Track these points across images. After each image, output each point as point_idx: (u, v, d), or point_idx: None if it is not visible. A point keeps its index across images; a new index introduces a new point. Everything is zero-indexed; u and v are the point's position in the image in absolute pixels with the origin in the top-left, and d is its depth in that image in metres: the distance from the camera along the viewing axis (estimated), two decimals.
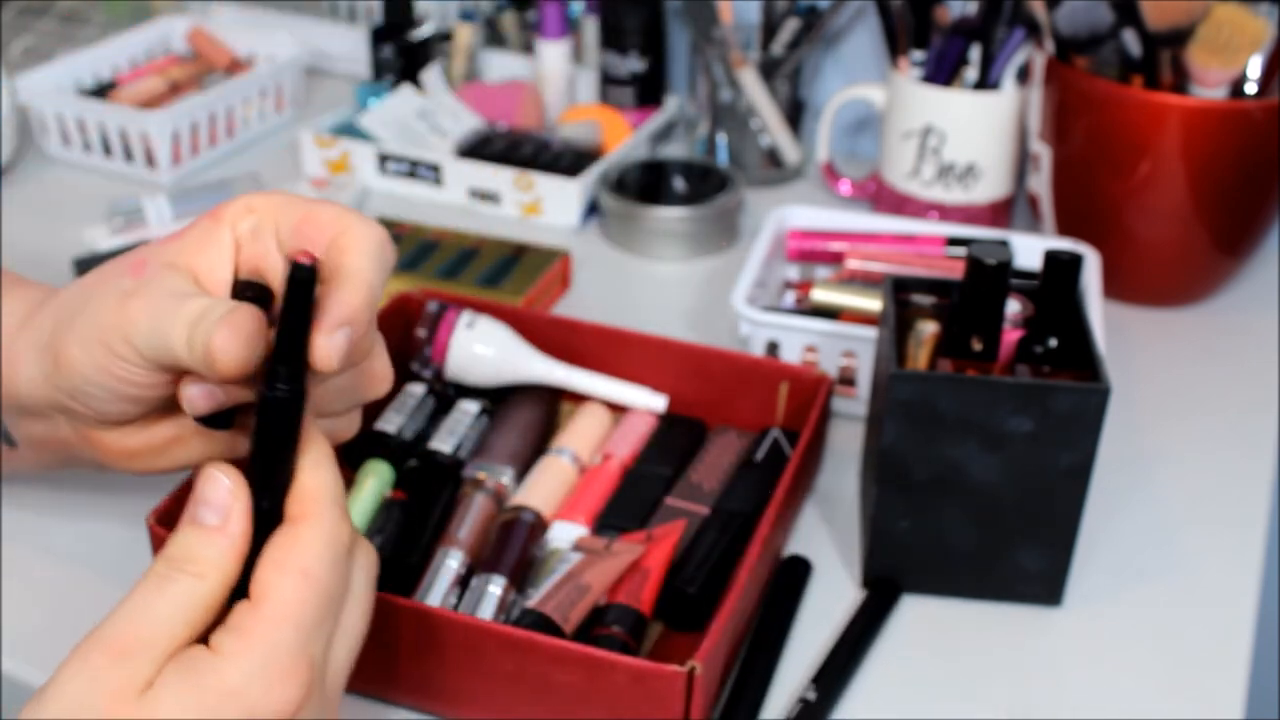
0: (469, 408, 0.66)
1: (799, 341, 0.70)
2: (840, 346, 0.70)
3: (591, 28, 1.05)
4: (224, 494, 0.38)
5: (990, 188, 0.88)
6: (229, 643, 0.37)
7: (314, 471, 0.39)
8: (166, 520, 0.52)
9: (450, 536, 0.58)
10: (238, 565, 0.38)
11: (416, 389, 0.66)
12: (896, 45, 0.89)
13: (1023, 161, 0.89)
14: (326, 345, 0.39)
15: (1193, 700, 0.54)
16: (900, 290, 0.61)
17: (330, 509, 0.39)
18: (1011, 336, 0.58)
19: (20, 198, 0.94)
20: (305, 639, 0.37)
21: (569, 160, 0.94)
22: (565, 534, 0.60)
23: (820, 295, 0.73)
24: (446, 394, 0.67)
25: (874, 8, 0.90)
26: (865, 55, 1.02)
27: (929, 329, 0.59)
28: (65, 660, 0.36)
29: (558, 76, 1.03)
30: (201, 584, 0.37)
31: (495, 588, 0.55)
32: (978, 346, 0.57)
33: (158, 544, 0.52)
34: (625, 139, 0.97)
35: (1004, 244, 0.56)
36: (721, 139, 0.98)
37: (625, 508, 0.61)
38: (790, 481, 0.57)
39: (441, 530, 0.59)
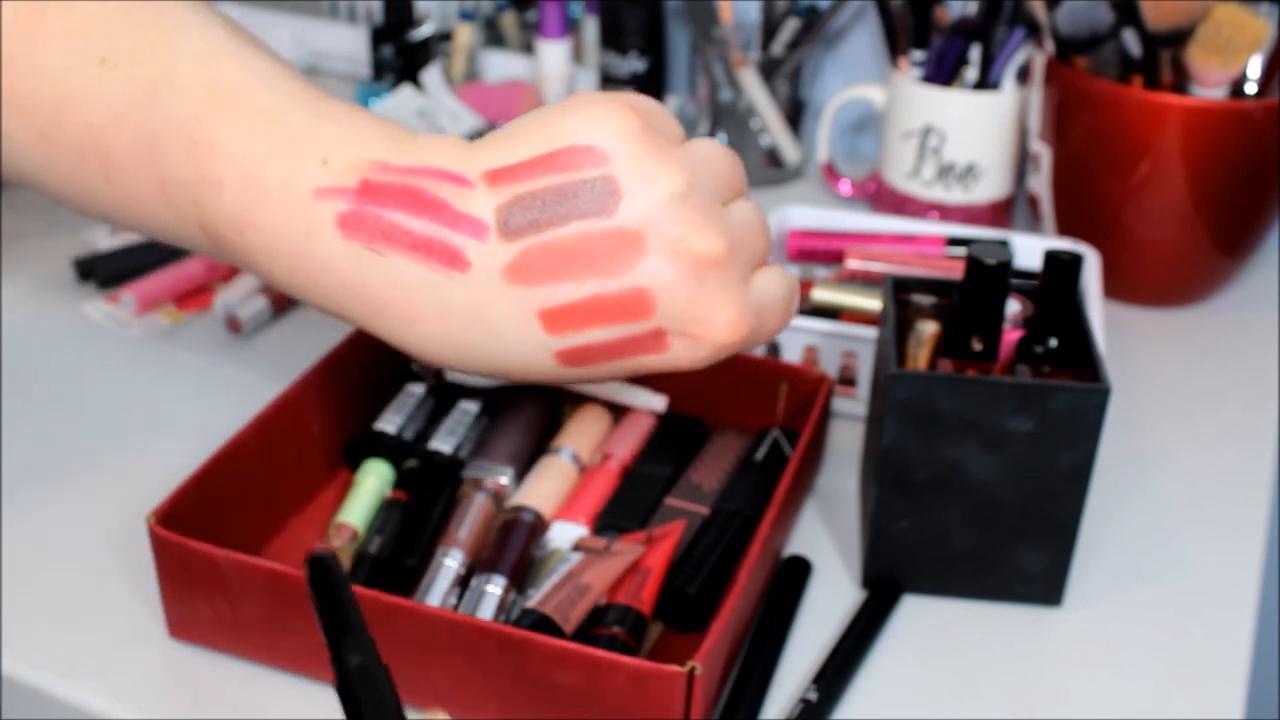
0: (469, 408, 0.66)
1: (799, 341, 0.70)
2: (840, 346, 0.70)
3: (591, 28, 1.05)
4: None
5: (990, 188, 0.88)
6: None
7: None
8: (167, 521, 0.52)
9: (450, 536, 0.58)
10: None
11: (416, 389, 0.66)
12: (896, 45, 0.89)
13: (1023, 161, 0.89)
14: None
15: (1193, 700, 0.54)
16: (900, 290, 0.61)
17: None
18: (1011, 336, 0.58)
19: (20, 198, 0.94)
20: None
21: None
22: (565, 534, 0.60)
23: (820, 295, 0.73)
24: (445, 390, 0.67)
25: (874, 8, 0.90)
26: (865, 55, 1.02)
27: (929, 329, 0.59)
28: None
29: (558, 76, 1.03)
30: None
31: (495, 588, 0.55)
32: (978, 346, 0.57)
33: (158, 544, 0.52)
34: None
35: (1004, 244, 0.56)
36: (721, 139, 0.98)
37: (625, 508, 0.61)
38: (790, 481, 0.57)
39: (441, 530, 0.59)
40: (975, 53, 0.86)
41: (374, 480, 0.62)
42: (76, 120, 0.45)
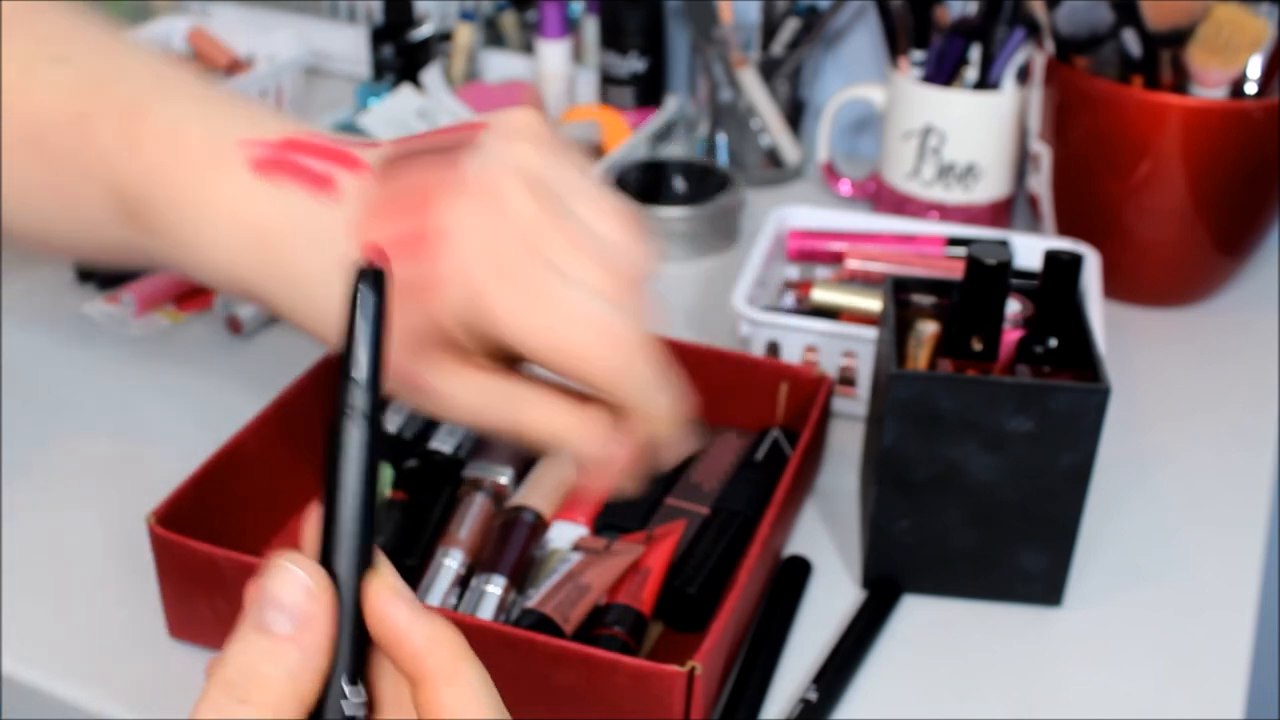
0: None
1: (799, 341, 0.70)
2: (840, 346, 0.70)
3: (591, 28, 1.05)
4: (300, 595, 0.29)
5: (990, 188, 0.88)
6: None
7: (416, 620, 0.31)
8: (167, 521, 0.52)
9: (450, 536, 0.58)
10: (316, 686, 0.29)
11: None
12: (896, 45, 0.89)
13: (1023, 161, 0.89)
14: None
15: (1193, 700, 0.54)
16: (900, 290, 0.61)
17: (466, 659, 0.31)
18: (1011, 336, 0.58)
19: None
20: None
21: None
22: (565, 534, 0.60)
23: (820, 295, 0.73)
24: None
25: (874, 8, 0.90)
26: (865, 55, 1.02)
27: (929, 329, 0.59)
28: None
29: (558, 76, 1.03)
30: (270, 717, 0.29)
31: (495, 588, 0.55)
32: (978, 346, 0.57)
33: (158, 544, 0.52)
34: (625, 139, 0.97)
35: (1004, 244, 0.56)
36: (721, 139, 0.98)
37: (625, 508, 0.61)
38: (790, 481, 0.57)
39: (441, 530, 0.59)
40: (975, 53, 0.86)
41: None
42: (23, 113, 0.46)
